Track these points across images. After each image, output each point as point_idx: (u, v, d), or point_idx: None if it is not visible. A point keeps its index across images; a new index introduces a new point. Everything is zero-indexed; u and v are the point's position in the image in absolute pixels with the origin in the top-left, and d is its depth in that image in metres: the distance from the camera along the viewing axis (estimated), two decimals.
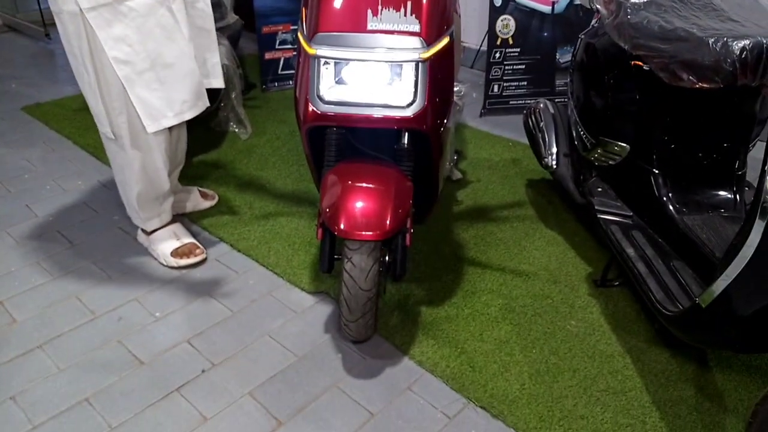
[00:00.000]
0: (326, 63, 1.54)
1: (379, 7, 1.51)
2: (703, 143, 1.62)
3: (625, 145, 1.74)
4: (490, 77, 3.25)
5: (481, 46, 3.64)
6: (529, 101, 3.29)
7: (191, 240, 2.06)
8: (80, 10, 1.60)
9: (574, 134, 2.02)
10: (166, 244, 2.03)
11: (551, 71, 3.26)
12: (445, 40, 1.58)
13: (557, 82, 3.28)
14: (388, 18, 1.52)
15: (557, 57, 3.23)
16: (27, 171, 2.61)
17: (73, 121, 3.08)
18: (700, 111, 1.59)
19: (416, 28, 1.51)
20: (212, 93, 2.46)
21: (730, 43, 1.37)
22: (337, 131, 1.65)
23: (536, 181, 2.54)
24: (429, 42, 1.52)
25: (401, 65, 1.52)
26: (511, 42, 3.20)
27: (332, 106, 1.55)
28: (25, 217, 2.28)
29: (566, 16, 3.13)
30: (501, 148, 2.88)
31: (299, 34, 1.62)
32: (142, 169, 1.88)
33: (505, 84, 3.27)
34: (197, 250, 2.03)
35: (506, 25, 3.17)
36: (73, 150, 2.81)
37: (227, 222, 2.24)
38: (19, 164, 2.68)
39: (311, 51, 1.53)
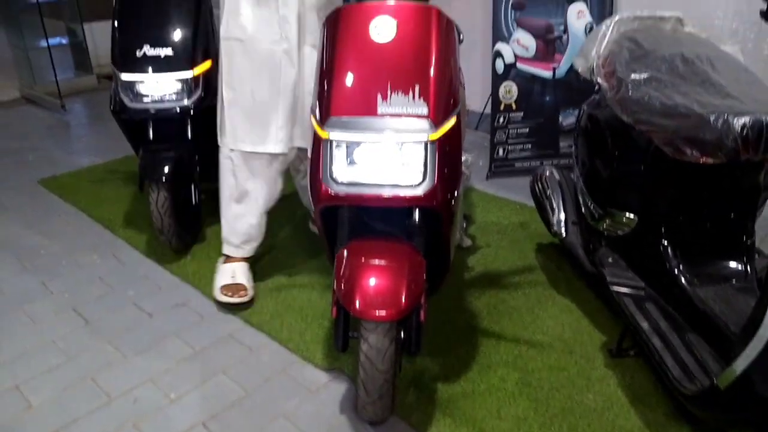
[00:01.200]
0: (338, 145, 1.59)
1: (389, 92, 1.57)
2: (711, 214, 1.64)
3: (632, 216, 1.77)
4: (495, 141, 3.31)
5: (484, 109, 3.72)
6: (534, 163, 3.35)
7: (244, 282, 2.22)
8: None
9: (581, 203, 2.04)
10: (222, 277, 2.24)
11: (555, 134, 3.32)
12: (452, 120, 1.63)
13: (561, 144, 3.33)
14: (397, 102, 1.57)
15: (560, 120, 3.30)
16: (43, 246, 2.66)
17: (89, 193, 3.15)
18: (705, 183, 1.61)
19: (424, 111, 1.56)
20: None
21: (731, 120, 1.41)
22: (349, 210, 1.68)
23: (546, 245, 2.55)
24: (437, 123, 1.56)
25: (411, 146, 1.57)
26: (514, 107, 3.28)
27: (345, 186, 1.58)
28: (41, 294, 2.31)
29: (567, 81, 3.21)
30: (509, 211, 2.91)
31: (312, 117, 1.68)
32: (236, 188, 2.19)
33: (509, 147, 3.32)
34: (242, 291, 2.18)
35: (509, 90, 3.26)
36: (88, 223, 2.86)
37: None
38: (35, 240, 2.72)
39: (324, 134, 1.58)
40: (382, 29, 1.61)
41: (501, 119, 3.29)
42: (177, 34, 2.42)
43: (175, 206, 2.42)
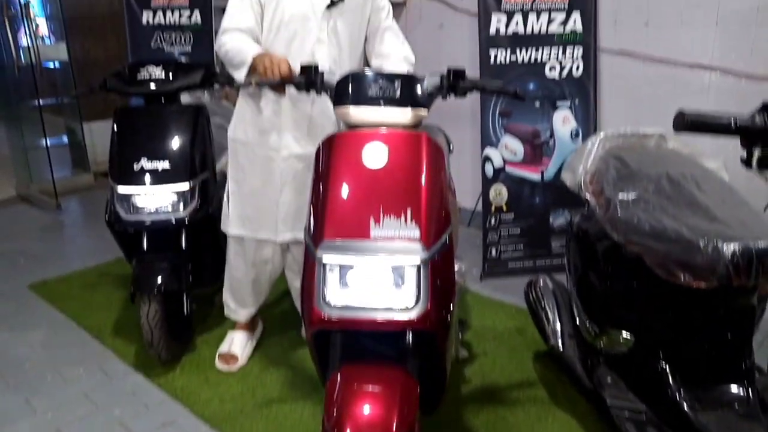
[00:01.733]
0: (332, 268, 1.58)
1: (381, 216, 1.59)
2: (707, 336, 1.62)
3: (628, 335, 1.75)
4: (488, 242, 3.34)
5: (475, 207, 3.77)
6: (527, 263, 3.36)
7: (238, 352, 2.46)
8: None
9: (577, 319, 2.03)
10: (223, 344, 2.52)
11: (546, 234, 3.35)
12: (444, 240, 1.64)
13: (552, 244, 3.36)
14: (389, 225, 1.58)
15: (551, 220, 3.34)
16: (29, 359, 2.59)
17: (79, 300, 3.11)
18: (699, 304, 1.61)
19: (416, 234, 1.57)
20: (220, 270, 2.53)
21: (720, 246, 1.42)
22: (342, 333, 1.66)
23: (543, 353, 2.51)
24: (429, 245, 1.57)
25: (403, 269, 1.56)
26: (505, 208, 3.32)
27: (338, 310, 1.57)
28: (23, 414, 2.22)
29: (555, 183, 3.27)
30: (504, 315, 2.88)
31: (305, 238, 1.69)
32: (231, 263, 2.41)
33: (502, 248, 3.34)
34: (232, 361, 2.45)
35: (499, 192, 3.31)
36: (77, 333, 2.81)
37: (229, 412, 2.18)
38: (20, 352, 2.65)
39: (317, 257, 1.58)
40: (374, 155, 1.65)
41: (492, 220, 3.33)
42: (174, 147, 2.48)
43: (167, 318, 2.39)
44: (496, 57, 3.19)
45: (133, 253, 2.53)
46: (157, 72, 2.55)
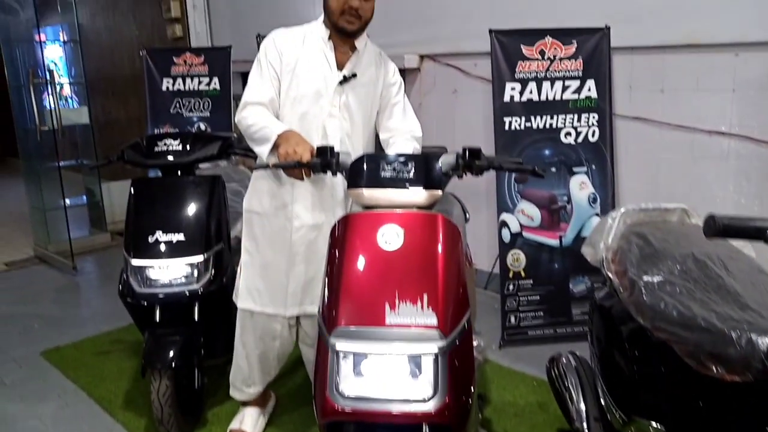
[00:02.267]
0: (345, 356, 1.53)
1: (397, 301, 1.54)
2: (742, 430, 1.53)
3: (659, 426, 1.66)
4: (506, 308, 3.26)
5: (492, 269, 3.71)
6: (547, 331, 3.27)
7: (249, 429, 2.40)
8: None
9: (603, 404, 1.94)
10: (234, 421, 2.45)
11: (566, 301, 3.27)
12: (463, 326, 1.59)
13: (573, 311, 3.27)
14: (405, 312, 1.54)
15: (570, 287, 3.26)
16: None
17: (91, 368, 3.07)
18: (734, 397, 1.52)
19: (433, 321, 1.52)
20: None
21: (755, 339, 1.35)
22: (355, 425, 1.59)
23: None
24: (447, 333, 1.52)
25: (420, 358, 1.51)
26: (523, 274, 3.26)
27: (351, 401, 1.51)
28: None
29: (574, 248, 3.21)
30: (525, 388, 2.78)
31: (318, 322, 1.65)
32: (239, 337, 2.32)
33: (521, 315, 3.26)
34: None
35: (517, 258, 3.26)
36: (87, 404, 2.76)
37: None
38: (30, 424, 2.60)
39: (330, 343, 1.54)
40: (390, 237, 1.62)
41: (510, 286, 3.26)
42: (189, 219, 2.48)
43: (177, 394, 2.34)
44: (510, 124, 3.19)
45: (146, 325, 2.49)
46: (175, 144, 2.58)
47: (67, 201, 4.79)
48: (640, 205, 2.05)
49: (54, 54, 6.11)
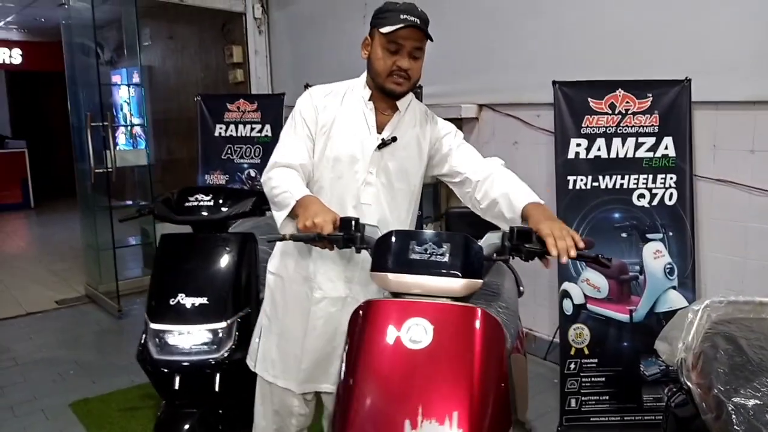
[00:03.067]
0: None
1: (420, 418, 1.27)
2: None
3: None
4: (566, 390, 2.89)
5: (553, 337, 3.36)
6: (613, 418, 2.88)
7: None
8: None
9: None
10: None
11: (636, 385, 2.86)
12: None
13: (644, 397, 2.86)
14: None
15: (642, 369, 2.86)
16: None
17: (116, 426, 2.92)
18: None
19: None
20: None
21: None
22: None
23: None
24: None
25: None
26: (587, 352, 2.89)
27: None
28: None
29: (647, 324, 2.83)
30: None
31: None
32: (258, 406, 2.05)
33: (583, 398, 2.88)
34: None
35: (580, 334, 2.90)
36: None
37: None
38: None
39: None
40: (416, 333, 1.36)
41: (572, 365, 2.89)
42: (214, 282, 2.31)
43: None
44: (575, 183, 2.88)
45: (163, 392, 2.31)
46: (206, 199, 2.43)
47: (123, 241, 4.77)
48: (728, 297, 1.70)
49: (122, 96, 6.29)
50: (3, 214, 8.97)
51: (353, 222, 1.55)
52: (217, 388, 2.29)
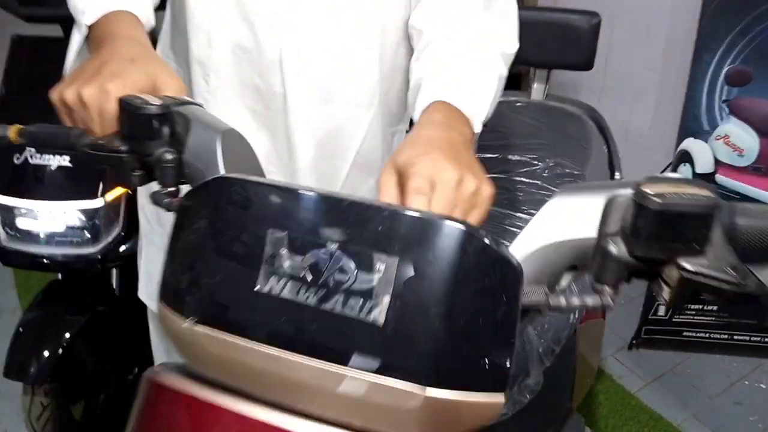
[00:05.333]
0: None
1: None
2: None
3: None
4: (654, 293, 1.96)
5: None
6: (720, 335, 1.99)
7: None
8: None
9: None
10: None
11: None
12: None
13: None
14: None
15: None
16: None
17: None
18: None
19: None
20: None
21: None
22: None
23: None
24: None
25: None
26: None
27: None
28: None
29: None
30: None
31: None
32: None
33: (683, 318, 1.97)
34: None
35: None
36: None
37: None
38: None
39: None
40: None
41: None
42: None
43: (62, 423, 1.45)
44: None
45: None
46: None
47: None
48: None
49: None
50: None
51: (158, 107, 0.54)
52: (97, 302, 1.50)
